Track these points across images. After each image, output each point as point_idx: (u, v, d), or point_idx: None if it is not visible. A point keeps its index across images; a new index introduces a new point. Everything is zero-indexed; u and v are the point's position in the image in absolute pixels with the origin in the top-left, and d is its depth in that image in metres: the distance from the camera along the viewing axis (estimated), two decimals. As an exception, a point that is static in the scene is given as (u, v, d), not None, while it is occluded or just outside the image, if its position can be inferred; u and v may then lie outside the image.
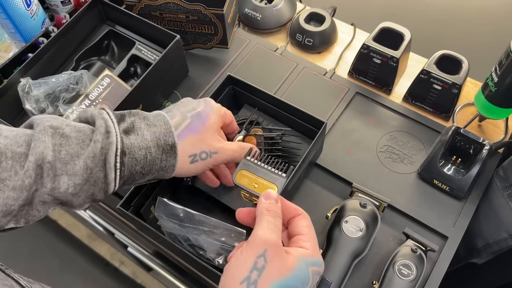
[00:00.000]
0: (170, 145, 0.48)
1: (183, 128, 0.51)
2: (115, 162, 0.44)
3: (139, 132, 0.47)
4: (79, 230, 1.45)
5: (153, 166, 0.48)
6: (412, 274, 0.60)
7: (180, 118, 0.53)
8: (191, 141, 0.50)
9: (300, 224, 0.45)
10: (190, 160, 0.50)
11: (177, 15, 0.80)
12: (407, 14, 1.09)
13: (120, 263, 1.39)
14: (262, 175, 0.48)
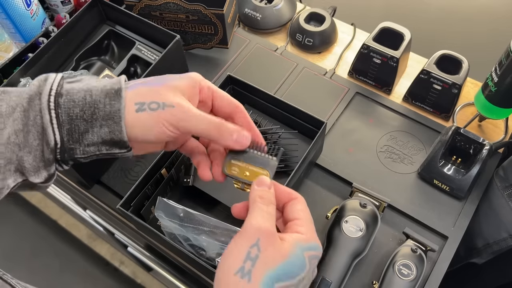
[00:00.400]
0: (116, 89, 0.42)
1: (136, 83, 0.44)
2: (48, 102, 0.40)
3: (84, 81, 0.43)
4: (79, 230, 1.45)
5: (95, 111, 0.41)
6: (412, 274, 0.60)
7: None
8: (142, 91, 0.42)
9: (295, 208, 0.43)
10: (137, 108, 0.41)
11: (177, 15, 0.80)
12: (407, 14, 1.09)
13: (120, 263, 1.39)
14: (252, 162, 0.45)
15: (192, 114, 0.42)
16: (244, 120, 0.47)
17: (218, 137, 0.43)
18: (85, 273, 1.41)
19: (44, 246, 1.47)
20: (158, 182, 0.67)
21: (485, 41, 1.00)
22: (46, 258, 1.44)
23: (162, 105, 0.41)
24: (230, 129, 0.43)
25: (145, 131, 0.42)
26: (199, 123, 0.42)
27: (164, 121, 0.41)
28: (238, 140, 0.44)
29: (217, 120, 0.43)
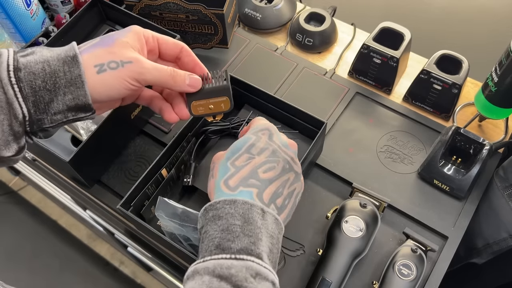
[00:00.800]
0: (71, 56, 0.43)
1: (88, 46, 0.45)
2: (9, 77, 0.41)
3: (37, 53, 0.44)
4: (79, 230, 1.45)
5: (57, 80, 0.43)
6: (412, 274, 0.60)
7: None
8: (97, 53, 0.44)
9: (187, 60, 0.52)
10: (97, 70, 0.44)
11: (177, 15, 0.80)
12: (407, 13, 1.09)
13: (120, 263, 1.39)
14: (210, 96, 0.51)
15: (149, 66, 0.46)
16: (191, 57, 0.52)
17: (173, 84, 0.48)
18: (85, 273, 1.41)
19: (44, 246, 1.47)
20: (158, 182, 0.67)
21: (485, 41, 1.00)
22: (46, 258, 1.44)
23: (120, 63, 0.44)
24: (182, 76, 0.49)
25: (109, 90, 0.45)
26: (156, 73, 0.46)
27: (126, 77, 0.45)
28: (191, 84, 0.50)
29: (170, 69, 0.48)
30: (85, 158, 0.67)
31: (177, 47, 0.51)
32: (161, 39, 0.50)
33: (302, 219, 0.69)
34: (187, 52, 0.51)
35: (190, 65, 0.53)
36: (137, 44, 0.47)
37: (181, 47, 0.51)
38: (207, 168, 0.71)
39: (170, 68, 0.47)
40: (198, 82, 0.50)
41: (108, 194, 0.73)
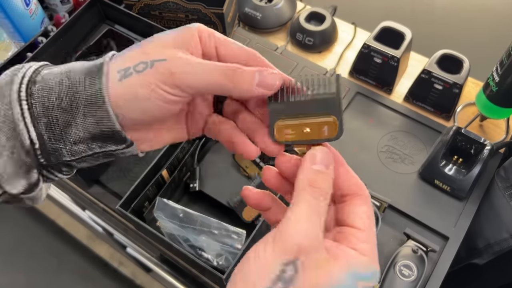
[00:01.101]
0: (98, 65, 0.32)
1: (123, 51, 0.33)
2: (19, 91, 0.31)
3: (68, 64, 0.34)
4: (78, 230, 1.45)
5: (75, 96, 0.32)
6: (413, 274, 0.60)
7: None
8: (127, 56, 0.32)
9: (358, 210, 0.31)
10: (120, 76, 0.31)
11: (176, 14, 0.80)
12: (408, 13, 1.09)
13: (119, 263, 1.39)
14: (305, 110, 0.31)
15: (190, 63, 0.31)
16: (263, 65, 0.34)
17: (232, 85, 0.31)
18: (84, 273, 1.40)
19: (42, 246, 1.46)
20: (159, 183, 0.66)
21: (486, 40, 1.00)
22: (45, 258, 1.44)
23: (150, 63, 0.31)
24: (247, 71, 0.31)
25: (136, 103, 0.31)
26: (201, 71, 0.31)
27: (156, 80, 0.30)
28: (262, 81, 0.31)
29: (225, 65, 0.31)
30: (84, 158, 0.67)
31: (243, 52, 0.34)
32: (221, 39, 0.34)
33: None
34: (259, 59, 0.34)
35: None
36: (185, 41, 0.33)
37: (250, 53, 0.34)
38: (209, 170, 0.70)
39: (227, 64, 0.32)
40: (274, 77, 0.32)
41: (107, 194, 0.73)
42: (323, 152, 0.30)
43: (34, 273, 1.42)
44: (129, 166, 0.75)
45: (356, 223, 0.30)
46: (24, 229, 1.51)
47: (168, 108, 0.31)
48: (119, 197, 0.71)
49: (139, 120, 0.32)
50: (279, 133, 0.32)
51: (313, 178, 0.29)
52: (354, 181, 0.31)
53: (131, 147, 0.33)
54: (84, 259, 1.43)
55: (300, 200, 0.28)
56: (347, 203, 0.31)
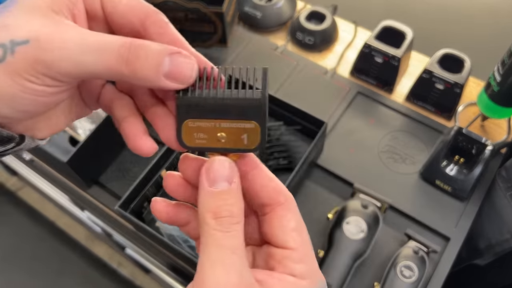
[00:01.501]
0: None
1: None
2: None
3: None
4: (77, 231, 1.45)
5: None
6: (414, 275, 0.60)
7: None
8: None
9: (284, 225, 0.26)
10: None
11: (176, 13, 0.80)
12: (408, 11, 1.08)
13: (119, 264, 1.38)
14: (223, 114, 0.25)
15: (65, 43, 0.22)
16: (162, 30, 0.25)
17: (129, 73, 0.23)
18: (84, 274, 1.40)
19: (42, 248, 1.46)
20: (158, 183, 0.66)
21: (488, 39, 0.99)
22: (44, 259, 1.44)
23: (10, 47, 0.22)
24: (151, 53, 0.23)
25: (9, 104, 0.23)
26: (83, 54, 0.22)
27: (22, 72, 0.22)
28: (173, 72, 0.23)
29: (122, 41, 0.23)
30: (83, 159, 0.66)
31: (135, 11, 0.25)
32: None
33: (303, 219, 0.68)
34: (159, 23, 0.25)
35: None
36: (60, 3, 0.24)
37: (145, 14, 0.25)
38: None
39: (122, 39, 0.23)
40: (191, 67, 0.24)
41: (106, 194, 0.72)
42: (221, 162, 0.25)
43: (34, 274, 1.42)
44: (128, 166, 0.74)
45: (286, 243, 0.25)
46: (23, 230, 1.50)
47: (45, 101, 0.24)
48: (118, 198, 0.71)
49: (15, 116, 0.24)
50: (187, 135, 0.26)
51: (214, 205, 0.24)
52: (272, 186, 0.26)
53: (25, 142, 0.26)
54: (83, 260, 1.43)
55: (207, 241, 0.24)
56: (270, 215, 0.26)
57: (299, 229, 0.26)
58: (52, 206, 1.46)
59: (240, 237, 0.24)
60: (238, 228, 0.24)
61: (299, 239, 0.26)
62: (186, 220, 0.28)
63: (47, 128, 0.27)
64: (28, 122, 0.26)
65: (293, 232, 0.26)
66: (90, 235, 1.43)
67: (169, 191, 0.27)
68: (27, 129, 0.26)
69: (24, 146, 0.26)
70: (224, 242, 0.23)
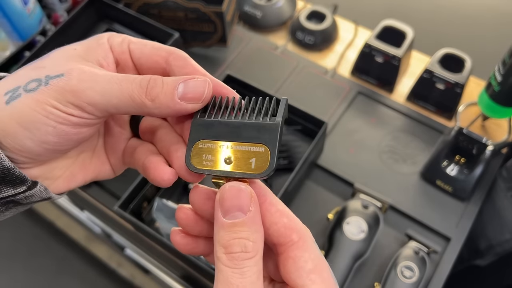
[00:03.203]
0: None
1: (19, 69, 0.26)
2: None
3: None
4: (76, 231, 1.44)
5: None
6: (415, 276, 0.59)
7: None
8: (19, 74, 0.25)
9: (300, 267, 0.24)
10: (7, 98, 0.24)
11: (175, 13, 0.79)
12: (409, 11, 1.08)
13: (118, 264, 1.38)
14: (234, 136, 0.25)
15: (95, 76, 0.24)
16: (188, 67, 0.26)
17: (150, 102, 0.24)
18: (83, 275, 1.40)
19: (41, 248, 1.45)
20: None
21: (489, 39, 0.99)
22: (43, 260, 1.43)
23: (44, 80, 0.24)
24: (167, 81, 0.25)
25: (29, 129, 0.23)
26: (109, 85, 0.24)
27: (52, 99, 0.23)
28: (188, 93, 0.25)
29: (139, 78, 0.25)
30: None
31: (159, 52, 0.27)
32: (134, 44, 0.28)
33: (303, 221, 0.68)
34: (179, 57, 0.27)
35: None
36: (91, 52, 0.26)
37: (167, 52, 0.27)
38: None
39: (140, 77, 0.25)
40: (203, 85, 0.25)
41: (105, 195, 0.72)
42: (233, 191, 0.23)
43: (33, 274, 1.41)
44: (128, 166, 0.74)
45: (303, 284, 0.23)
46: (23, 230, 1.50)
47: (70, 132, 0.24)
48: (118, 198, 0.70)
49: (37, 150, 0.24)
50: (196, 157, 0.25)
51: (226, 238, 0.22)
52: (283, 223, 0.24)
53: (36, 188, 0.25)
54: (82, 260, 1.42)
55: (217, 276, 0.22)
56: (284, 257, 0.24)
57: (318, 270, 0.24)
58: (51, 206, 1.46)
59: (252, 275, 0.22)
60: (251, 264, 0.22)
61: (319, 282, 0.23)
62: (206, 250, 0.27)
63: (63, 179, 0.28)
64: (45, 166, 0.26)
65: (312, 275, 0.23)
66: (89, 236, 1.43)
67: (181, 225, 0.27)
68: (41, 175, 0.26)
69: (36, 192, 0.25)
70: (234, 280, 0.22)
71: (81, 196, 0.83)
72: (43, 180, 0.26)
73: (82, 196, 0.80)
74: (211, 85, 0.25)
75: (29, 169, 0.25)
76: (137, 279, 1.35)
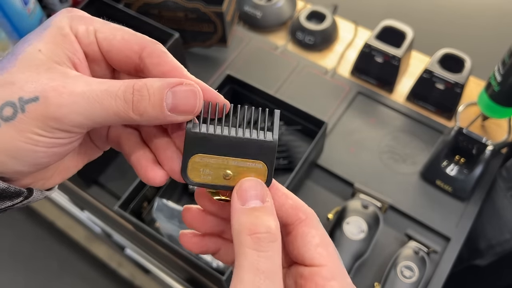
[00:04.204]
0: None
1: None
2: None
3: None
4: (76, 231, 1.44)
5: None
6: (414, 275, 0.59)
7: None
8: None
9: (309, 242, 0.25)
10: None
11: (175, 13, 0.79)
12: (409, 11, 1.08)
13: (118, 264, 1.38)
14: (233, 152, 0.25)
15: (74, 98, 0.22)
16: (165, 64, 0.25)
17: (137, 117, 0.23)
18: (83, 275, 1.40)
19: (41, 248, 1.46)
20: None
21: (489, 39, 0.99)
22: (44, 260, 1.43)
23: (19, 105, 0.22)
24: (153, 92, 0.23)
25: (19, 158, 0.23)
26: (91, 106, 0.23)
27: (36, 128, 0.22)
28: (178, 105, 0.23)
29: (123, 86, 0.23)
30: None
31: (130, 45, 0.25)
32: (102, 30, 0.25)
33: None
34: (154, 52, 0.25)
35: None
36: (57, 51, 0.24)
37: (140, 46, 0.25)
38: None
39: (125, 84, 0.23)
40: (192, 94, 0.24)
41: (106, 194, 0.72)
42: (252, 182, 0.24)
43: (34, 274, 1.42)
44: (128, 166, 0.74)
45: (314, 260, 0.24)
46: (23, 231, 1.50)
47: (58, 151, 0.24)
48: (118, 198, 0.70)
49: (29, 170, 0.24)
50: (193, 171, 0.25)
51: (249, 222, 0.23)
52: (290, 204, 0.26)
53: (33, 196, 0.25)
54: (82, 260, 1.42)
55: (241, 263, 0.22)
56: (293, 234, 0.25)
57: (325, 244, 0.25)
58: (51, 206, 1.46)
59: (277, 259, 0.23)
60: (275, 247, 0.23)
61: (326, 254, 0.25)
62: (215, 248, 0.28)
63: (57, 175, 0.27)
64: (37, 173, 0.26)
65: (319, 248, 0.25)
66: (89, 235, 1.43)
67: (189, 225, 0.27)
68: (36, 180, 0.26)
69: (33, 199, 0.26)
70: (260, 265, 0.22)
71: (81, 196, 0.83)
72: (38, 181, 0.26)
73: (82, 196, 0.81)
74: (201, 93, 0.24)
75: (23, 179, 0.25)
76: (137, 279, 1.36)
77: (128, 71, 0.26)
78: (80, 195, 0.82)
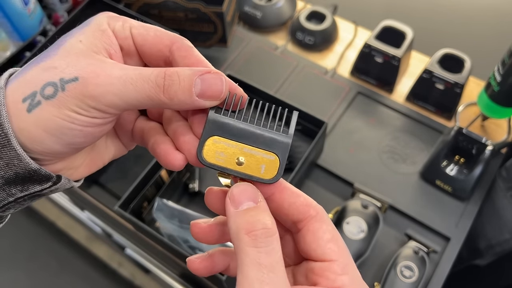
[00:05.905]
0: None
1: (23, 68, 0.26)
2: None
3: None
4: (77, 231, 1.44)
5: None
6: (414, 275, 0.60)
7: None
8: (29, 76, 0.25)
9: (319, 238, 0.25)
10: (28, 106, 0.24)
11: (176, 13, 0.80)
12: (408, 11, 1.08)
13: (119, 264, 1.38)
14: (249, 140, 0.26)
15: (110, 79, 0.24)
16: (191, 57, 0.27)
17: (167, 100, 0.25)
18: (83, 275, 1.40)
19: (41, 248, 1.46)
20: (158, 184, 0.66)
21: (488, 39, 0.99)
22: (44, 259, 1.43)
23: (60, 84, 0.24)
24: (183, 77, 0.25)
25: (56, 135, 0.24)
26: (126, 87, 0.25)
27: (74, 106, 0.24)
28: (206, 90, 0.25)
29: (155, 73, 0.25)
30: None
31: (162, 40, 0.28)
32: (136, 28, 0.28)
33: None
34: (182, 46, 0.27)
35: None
36: (96, 42, 0.26)
37: (171, 41, 0.28)
38: (209, 170, 0.70)
39: (157, 70, 0.25)
40: (221, 82, 0.26)
41: (106, 194, 0.72)
42: (243, 187, 0.25)
43: (34, 274, 1.42)
44: (128, 166, 0.74)
45: (325, 255, 0.25)
46: (24, 231, 1.50)
47: (95, 132, 0.26)
48: (118, 198, 0.70)
49: (63, 151, 0.26)
50: (208, 152, 0.26)
51: (246, 222, 0.24)
52: (300, 201, 0.26)
53: (61, 182, 0.27)
54: (83, 260, 1.42)
55: (242, 260, 0.23)
56: (304, 231, 0.26)
57: (335, 239, 0.26)
58: (52, 206, 1.46)
59: (278, 252, 0.23)
60: (274, 241, 0.23)
61: (337, 249, 0.25)
62: (224, 265, 0.29)
63: (84, 167, 0.29)
64: (67, 160, 0.27)
65: (330, 243, 0.25)
66: (90, 235, 1.43)
67: (198, 238, 0.28)
68: (65, 168, 0.28)
69: (60, 186, 0.27)
70: (261, 260, 0.23)
71: (81, 196, 0.83)
72: (66, 171, 0.28)
73: (83, 196, 0.81)
74: (228, 81, 0.26)
75: (53, 164, 0.27)
76: (138, 279, 1.36)
77: (158, 64, 0.28)
78: (80, 195, 0.83)
